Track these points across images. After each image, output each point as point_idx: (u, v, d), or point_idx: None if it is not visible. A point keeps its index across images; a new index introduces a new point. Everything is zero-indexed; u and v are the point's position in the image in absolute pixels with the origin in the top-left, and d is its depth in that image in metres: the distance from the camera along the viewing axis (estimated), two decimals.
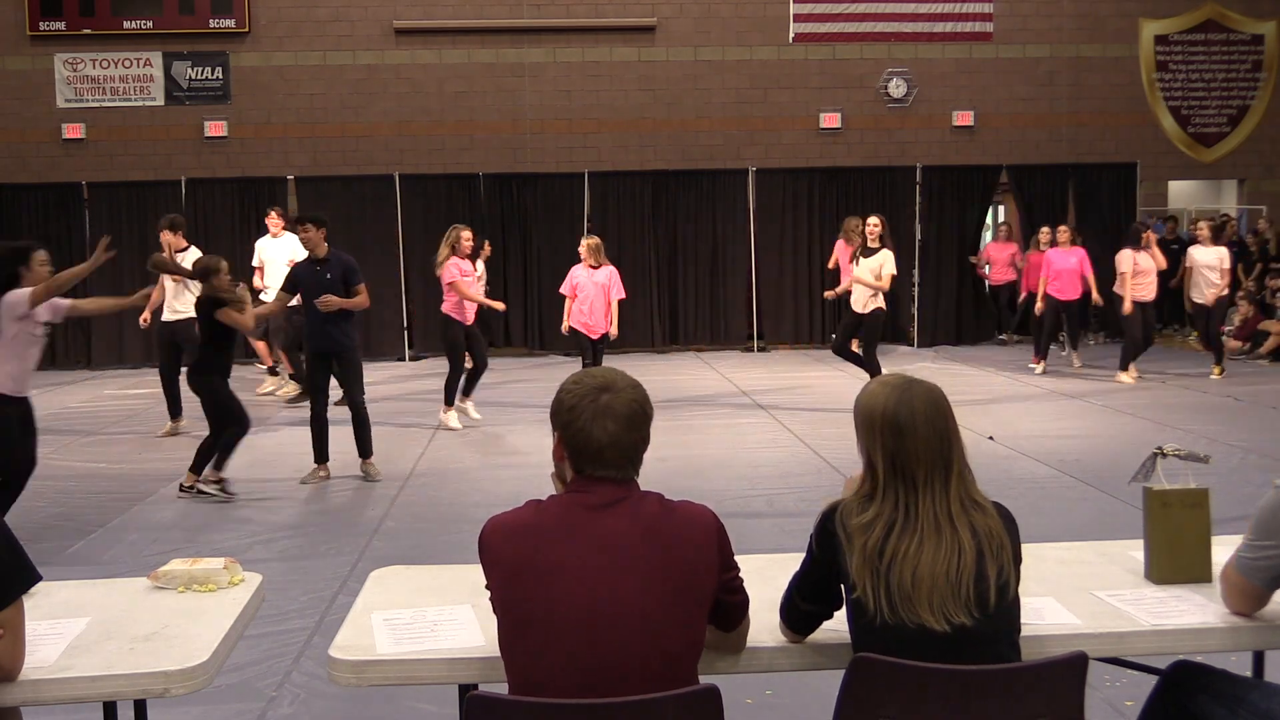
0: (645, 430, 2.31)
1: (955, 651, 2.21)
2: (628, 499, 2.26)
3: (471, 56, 15.86)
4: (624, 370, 2.39)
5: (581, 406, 2.26)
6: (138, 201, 14.66)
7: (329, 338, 7.62)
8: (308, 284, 7.61)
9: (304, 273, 7.68)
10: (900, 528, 2.28)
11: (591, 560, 2.19)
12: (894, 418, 2.32)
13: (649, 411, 2.32)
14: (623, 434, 2.25)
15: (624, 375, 2.35)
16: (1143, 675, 2.81)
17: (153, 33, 15.49)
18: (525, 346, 15.49)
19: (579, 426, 2.25)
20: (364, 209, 15.00)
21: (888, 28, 16.11)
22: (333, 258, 7.67)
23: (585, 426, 2.25)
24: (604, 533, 2.22)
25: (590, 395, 2.27)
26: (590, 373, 2.36)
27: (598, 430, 2.24)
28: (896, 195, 15.60)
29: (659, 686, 2.12)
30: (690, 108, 16.07)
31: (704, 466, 8.04)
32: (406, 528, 6.62)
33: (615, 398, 2.26)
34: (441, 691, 3.12)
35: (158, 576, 2.89)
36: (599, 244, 10.16)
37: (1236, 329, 14.03)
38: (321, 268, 7.61)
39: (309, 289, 7.59)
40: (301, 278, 7.67)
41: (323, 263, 7.63)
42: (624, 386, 2.30)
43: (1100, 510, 6.64)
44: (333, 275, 7.58)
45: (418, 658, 2.47)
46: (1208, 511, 2.86)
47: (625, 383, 2.31)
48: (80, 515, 6.98)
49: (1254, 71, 16.65)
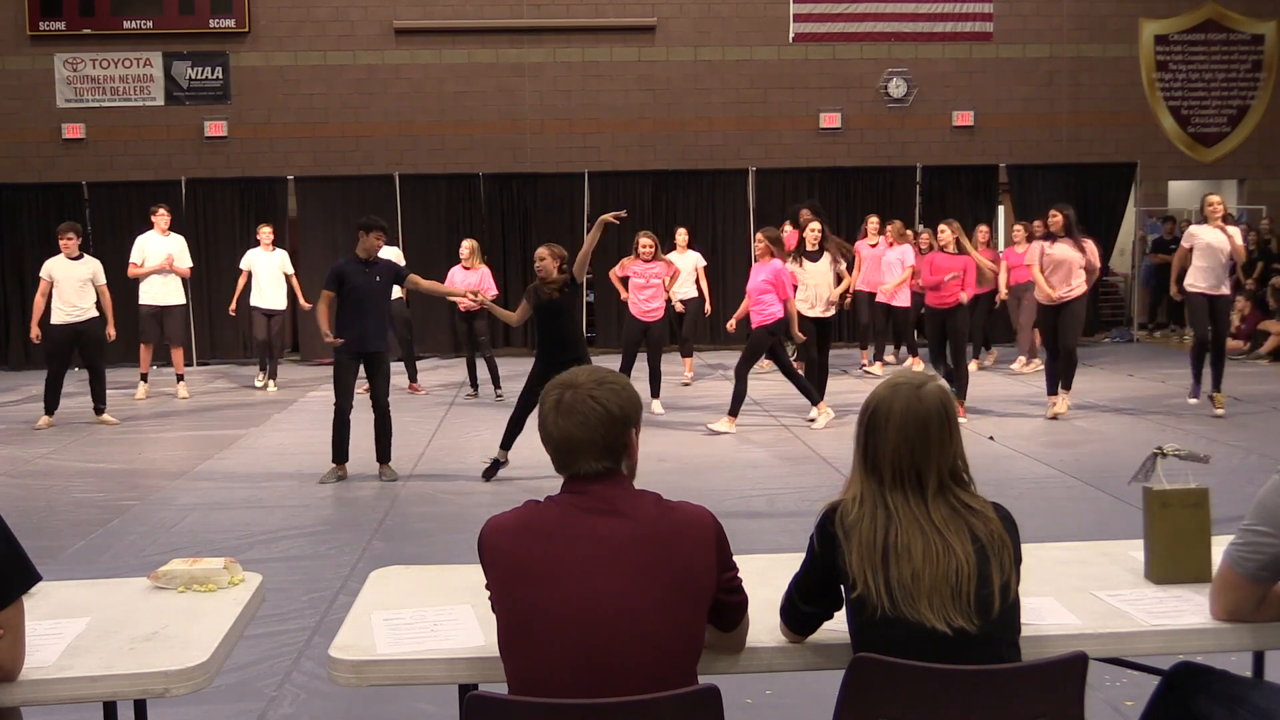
0: (606, 430, 2.26)
1: (956, 653, 2.21)
2: (625, 499, 2.27)
3: (471, 56, 15.86)
4: (613, 369, 2.39)
5: (546, 401, 2.31)
6: (138, 201, 14.64)
7: (368, 339, 7.68)
8: (355, 283, 7.62)
9: (353, 272, 7.67)
10: (900, 526, 2.29)
11: (590, 560, 2.19)
12: (904, 419, 2.33)
13: (614, 411, 2.27)
14: (576, 430, 2.25)
15: (597, 374, 2.33)
16: (1143, 675, 2.81)
17: (153, 33, 15.49)
18: (525, 346, 15.48)
19: (541, 422, 2.32)
20: (364, 209, 14.94)
21: (888, 28, 16.11)
22: (380, 261, 7.81)
23: (545, 420, 2.30)
24: (602, 533, 2.22)
25: (555, 391, 2.30)
26: (571, 371, 2.36)
27: (553, 426, 2.28)
28: (896, 195, 15.60)
29: (658, 686, 2.12)
30: (690, 108, 16.07)
31: (704, 466, 8.04)
32: (406, 528, 6.62)
33: (575, 394, 2.27)
34: (441, 691, 3.12)
35: (158, 576, 2.89)
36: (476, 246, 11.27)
37: (1237, 329, 14.02)
38: (370, 269, 7.69)
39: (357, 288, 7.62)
40: (349, 276, 7.64)
41: (371, 264, 7.71)
42: (586, 384, 2.29)
43: (1100, 510, 6.63)
44: (382, 277, 7.73)
45: (418, 658, 2.47)
46: (1208, 511, 2.86)
47: (590, 380, 2.29)
48: (80, 515, 6.98)
49: (1254, 71, 16.65)
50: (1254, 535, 2.46)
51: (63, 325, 9.86)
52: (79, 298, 9.89)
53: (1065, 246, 9.46)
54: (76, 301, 9.88)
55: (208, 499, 7.36)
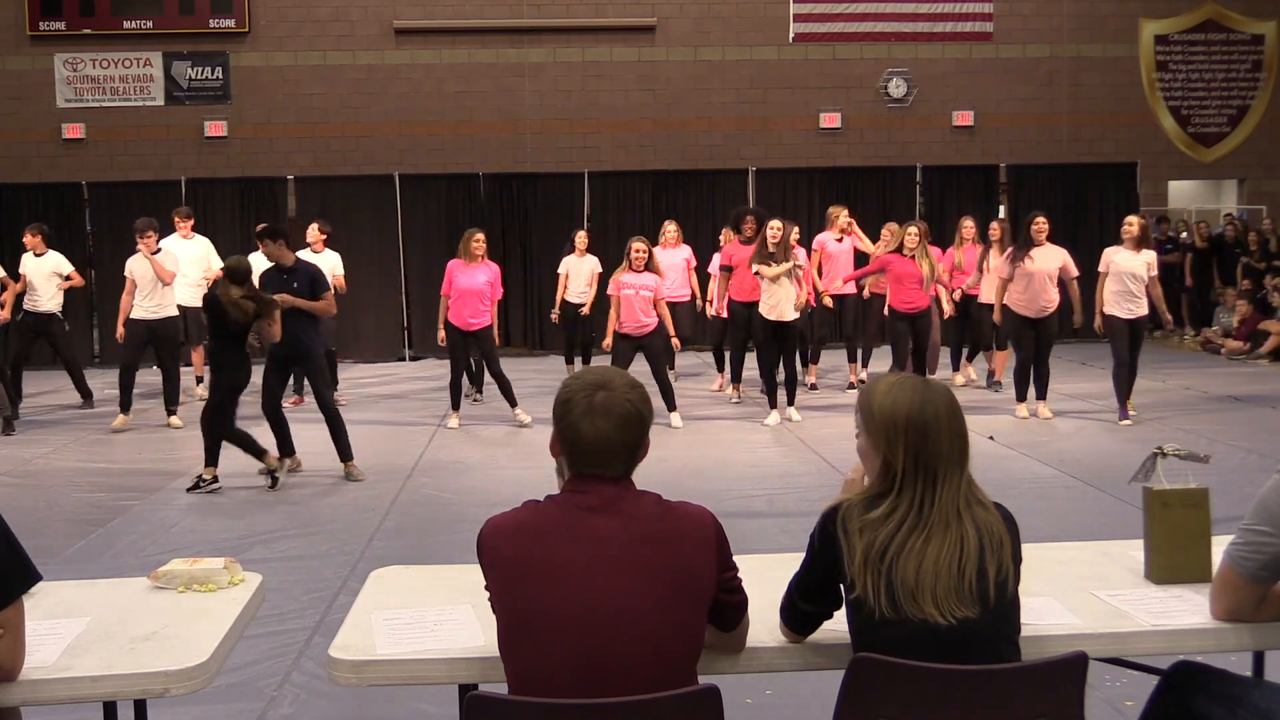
0: (638, 433, 2.28)
1: (956, 648, 2.21)
2: (625, 499, 2.26)
3: (471, 56, 15.86)
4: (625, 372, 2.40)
5: (575, 401, 2.26)
6: (138, 201, 14.64)
7: (288, 343, 7.71)
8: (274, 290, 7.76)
9: (271, 280, 7.88)
10: (911, 525, 2.29)
11: (589, 560, 2.19)
12: (919, 418, 2.33)
13: (645, 415, 2.30)
14: (613, 433, 2.24)
15: (626, 376, 2.34)
16: (1143, 675, 2.81)
17: (153, 33, 15.48)
18: (525, 346, 15.49)
19: (570, 422, 2.26)
20: (364, 209, 15.00)
21: (888, 28, 16.10)
22: (299, 266, 7.97)
23: (576, 422, 2.25)
24: (601, 533, 2.22)
25: (586, 391, 2.27)
26: (593, 369, 2.36)
27: (587, 427, 2.24)
28: (896, 195, 15.60)
29: (658, 686, 2.12)
30: (690, 108, 16.06)
31: (704, 466, 8.04)
32: (406, 528, 6.62)
33: (610, 396, 2.26)
34: (441, 691, 3.12)
35: (158, 576, 2.89)
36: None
37: (1236, 329, 14.03)
38: (289, 276, 7.86)
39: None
40: (269, 285, 7.82)
41: (290, 271, 7.89)
42: (621, 386, 2.29)
43: (1100, 510, 6.64)
44: (299, 284, 7.82)
45: (418, 658, 2.47)
46: (1208, 511, 2.86)
47: (623, 383, 2.30)
48: (80, 515, 6.98)
49: (1254, 71, 16.65)
50: (1254, 535, 2.46)
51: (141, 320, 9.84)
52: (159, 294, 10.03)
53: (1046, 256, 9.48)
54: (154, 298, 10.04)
55: (208, 499, 7.36)
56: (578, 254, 11.45)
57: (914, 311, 10.12)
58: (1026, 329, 9.57)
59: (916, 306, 10.10)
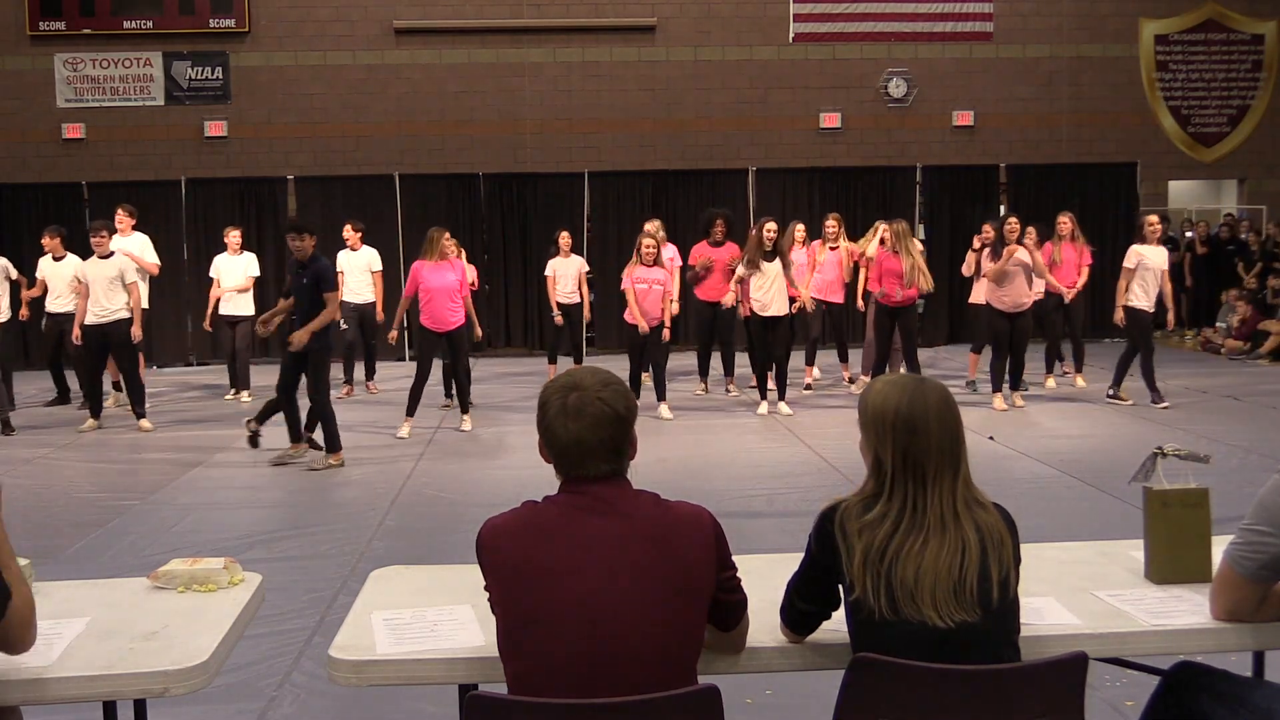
0: (614, 431, 2.27)
1: (955, 650, 2.21)
2: (623, 499, 2.27)
3: (471, 56, 15.86)
4: (611, 370, 2.39)
5: (550, 404, 2.29)
6: (138, 201, 14.56)
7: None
8: (294, 283, 8.25)
9: (292, 273, 8.34)
10: (907, 526, 2.29)
11: (588, 560, 2.19)
12: (908, 416, 2.33)
13: (621, 412, 2.28)
14: (587, 433, 2.24)
15: (601, 374, 2.33)
16: (1144, 675, 2.81)
17: (153, 33, 15.48)
18: (525, 346, 15.49)
19: (547, 424, 2.29)
20: (364, 209, 14.97)
21: (888, 28, 16.11)
22: (311, 263, 8.12)
23: (552, 424, 2.28)
24: (600, 533, 2.22)
25: (560, 394, 2.29)
26: (570, 372, 2.37)
27: (561, 429, 2.26)
28: (896, 195, 15.60)
29: (658, 686, 2.12)
30: (690, 108, 16.07)
31: (704, 466, 8.04)
32: (406, 528, 6.62)
33: (582, 396, 2.26)
34: (441, 691, 3.11)
35: (158, 576, 2.89)
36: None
37: (1236, 329, 14.02)
38: (303, 270, 8.11)
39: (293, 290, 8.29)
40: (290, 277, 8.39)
41: (304, 266, 8.11)
42: (592, 386, 2.28)
43: (1100, 510, 6.63)
44: (308, 280, 8.07)
45: (418, 658, 2.47)
46: (1208, 511, 2.86)
47: (595, 382, 2.30)
48: (80, 515, 6.98)
49: (1254, 71, 16.65)
50: (1254, 535, 2.46)
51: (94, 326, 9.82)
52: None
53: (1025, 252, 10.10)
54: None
55: (208, 499, 7.37)
56: (562, 254, 11.35)
57: (896, 306, 10.26)
58: (1002, 321, 10.15)
59: (898, 301, 10.23)
